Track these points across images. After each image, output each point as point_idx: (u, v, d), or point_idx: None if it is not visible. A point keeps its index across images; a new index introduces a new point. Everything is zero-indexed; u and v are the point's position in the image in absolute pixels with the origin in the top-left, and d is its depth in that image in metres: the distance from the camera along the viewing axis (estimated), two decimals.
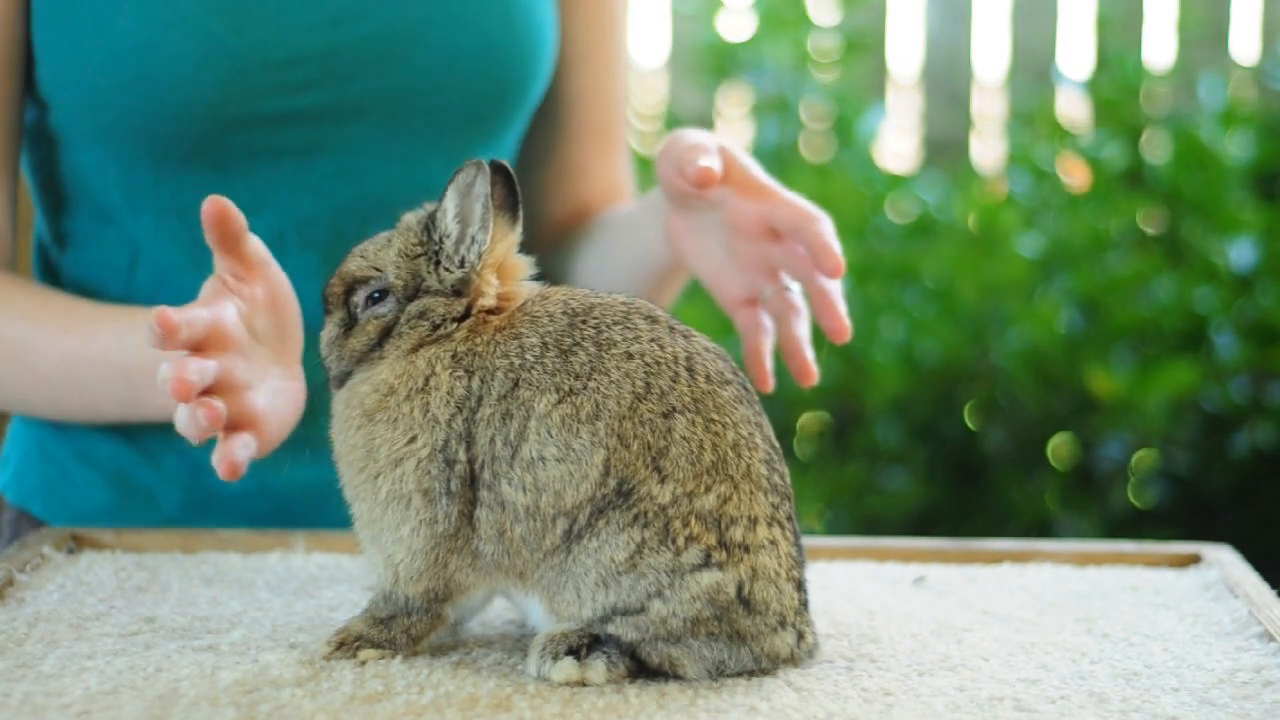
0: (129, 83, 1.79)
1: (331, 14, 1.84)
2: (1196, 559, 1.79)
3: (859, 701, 1.32)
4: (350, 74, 1.86)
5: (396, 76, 1.88)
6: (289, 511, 1.93)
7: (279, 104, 1.84)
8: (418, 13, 1.88)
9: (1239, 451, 3.93)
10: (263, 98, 1.83)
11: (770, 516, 1.37)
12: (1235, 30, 4.61)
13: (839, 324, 1.64)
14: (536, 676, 1.36)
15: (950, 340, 3.89)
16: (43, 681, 1.32)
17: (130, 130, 1.82)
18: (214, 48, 1.79)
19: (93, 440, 1.95)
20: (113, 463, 1.94)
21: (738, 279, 1.74)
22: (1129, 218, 4.02)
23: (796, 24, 4.25)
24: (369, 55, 1.86)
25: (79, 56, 1.81)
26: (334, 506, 1.89)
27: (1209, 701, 1.33)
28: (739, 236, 1.71)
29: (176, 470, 1.93)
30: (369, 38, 1.86)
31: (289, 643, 1.45)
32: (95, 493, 1.94)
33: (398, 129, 1.90)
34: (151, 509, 1.94)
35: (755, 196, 1.68)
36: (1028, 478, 3.97)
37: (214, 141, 1.83)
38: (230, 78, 1.80)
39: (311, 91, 1.85)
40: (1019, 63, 4.59)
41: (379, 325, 1.44)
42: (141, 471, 1.94)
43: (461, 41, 1.90)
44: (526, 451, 1.36)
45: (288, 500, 1.93)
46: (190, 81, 1.79)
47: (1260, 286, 3.96)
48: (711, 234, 1.75)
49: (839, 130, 4.23)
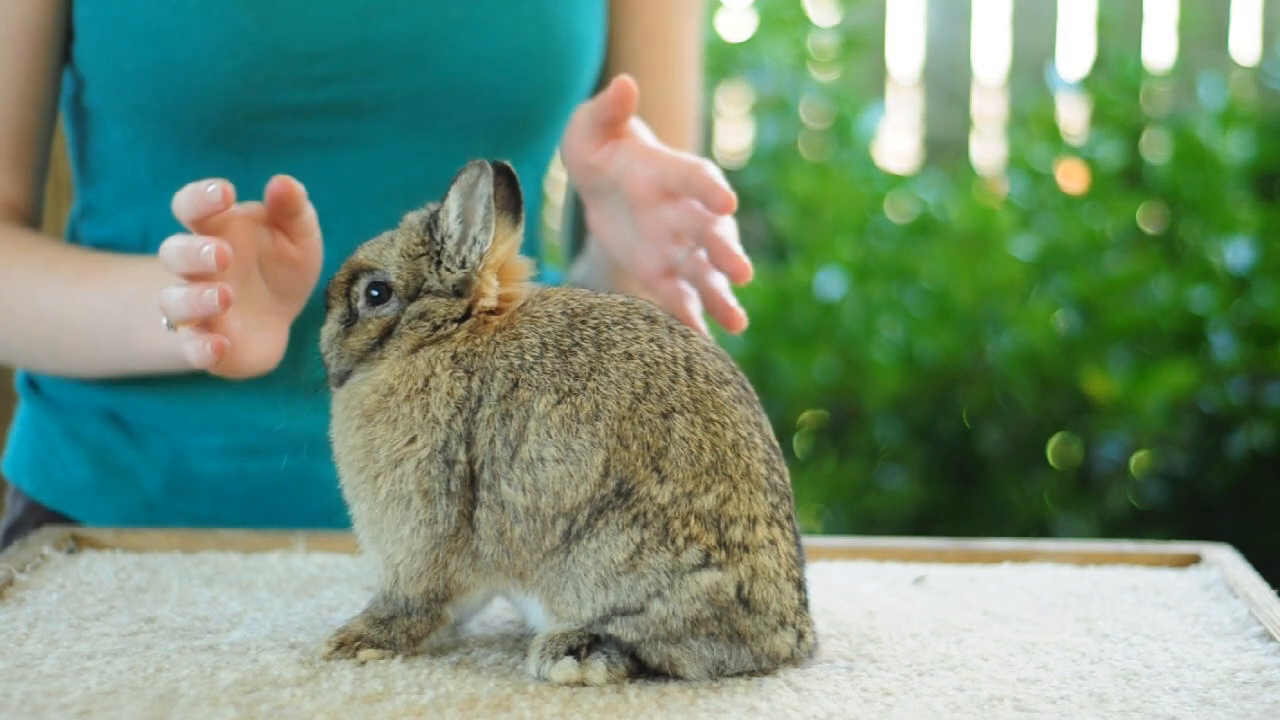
0: (153, 67, 1.81)
1: (359, 10, 1.84)
2: (1196, 559, 1.79)
3: (859, 701, 1.32)
4: (375, 71, 1.85)
5: (422, 76, 1.87)
6: (266, 497, 1.94)
7: (301, 96, 1.84)
8: (448, 14, 1.87)
9: (1236, 452, 3.93)
10: (285, 89, 1.83)
11: (770, 516, 1.37)
12: (1235, 30, 4.61)
13: (737, 265, 1.61)
14: (536, 676, 1.36)
15: (947, 341, 3.89)
16: (43, 681, 1.32)
17: (156, 113, 1.84)
18: (237, 37, 1.80)
19: (82, 418, 1.96)
20: (98, 441, 1.95)
21: (649, 253, 1.71)
22: (1126, 218, 4.02)
23: (796, 23, 4.25)
24: (395, 53, 1.85)
25: (109, 37, 1.83)
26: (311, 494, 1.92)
27: (1209, 701, 1.33)
28: (640, 208, 1.69)
29: (159, 452, 1.94)
30: (396, 36, 1.85)
31: (289, 643, 1.45)
32: (79, 470, 1.95)
33: (422, 128, 1.89)
34: (132, 489, 1.94)
35: (645, 160, 1.67)
36: (1026, 478, 3.97)
37: (236, 129, 1.84)
38: (252, 67, 1.81)
39: (335, 86, 1.85)
40: (1019, 63, 4.59)
41: (380, 325, 1.44)
42: (125, 452, 1.94)
43: (491, 45, 1.89)
44: (526, 452, 1.36)
45: (265, 486, 1.94)
46: (212, 69, 1.80)
47: (1258, 287, 3.95)
48: (619, 215, 1.74)
49: (838, 130, 4.23)
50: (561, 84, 1.94)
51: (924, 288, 3.97)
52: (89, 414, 1.96)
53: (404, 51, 1.86)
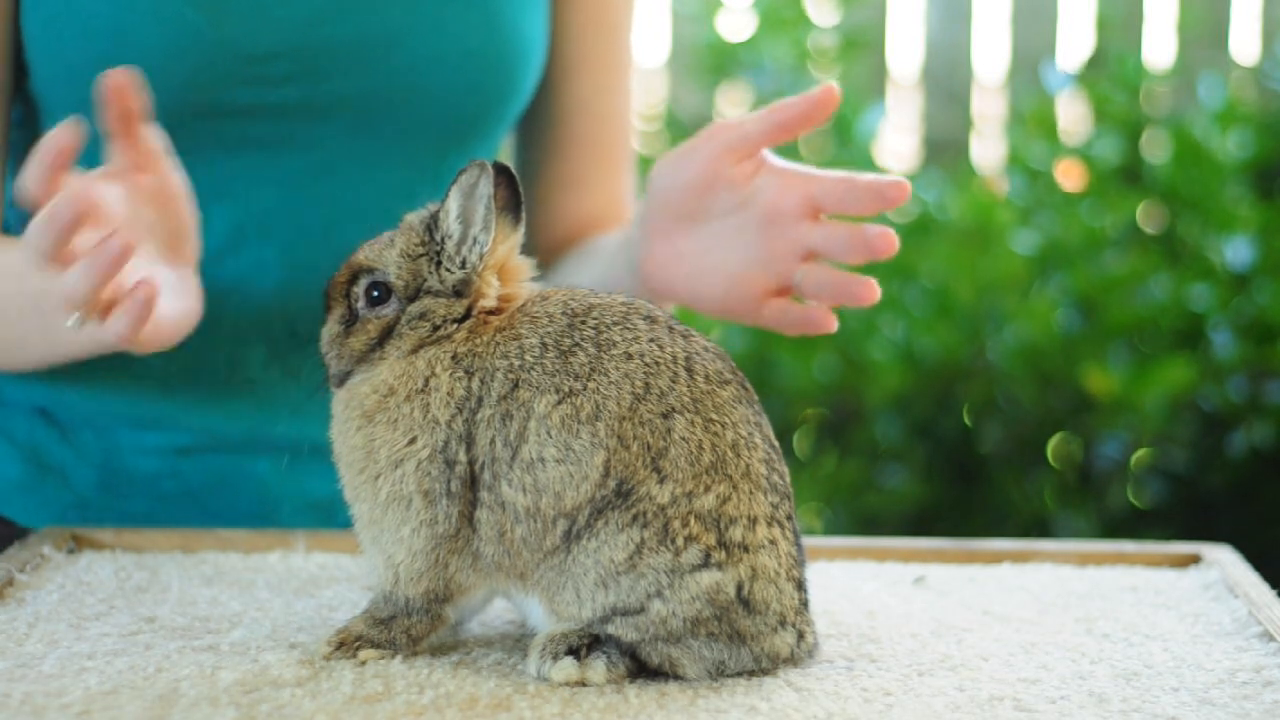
0: (99, 61, 1.77)
1: (310, 12, 1.83)
2: (1196, 559, 1.79)
3: (859, 701, 1.32)
4: (324, 73, 1.84)
5: (371, 79, 1.86)
6: (202, 496, 1.94)
7: (249, 96, 1.83)
8: (398, 17, 1.86)
9: (1236, 450, 3.94)
10: (233, 89, 1.82)
11: (770, 516, 1.37)
12: (1235, 30, 4.61)
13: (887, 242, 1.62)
14: (536, 676, 1.36)
15: (947, 339, 3.89)
16: (43, 681, 1.32)
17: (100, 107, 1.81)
18: (186, 35, 1.78)
19: (12, 416, 1.95)
20: (28, 439, 1.94)
21: (767, 273, 1.68)
22: (1126, 216, 4.02)
23: (796, 23, 4.25)
24: (345, 56, 1.85)
25: (54, 30, 1.80)
26: (247, 492, 1.91)
27: (1209, 701, 1.33)
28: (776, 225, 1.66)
29: (92, 450, 1.93)
30: (346, 38, 1.84)
31: (289, 643, 1.45)
32: (10, 468, 1.94)
33: (368, 131, 1.88)
34: (65, 488, 1.94)
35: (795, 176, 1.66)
36: (1026, 476, 3.97)
37: (181, 127, 1.81)
38: (200, 66, 1.79)
39: (283, 87, 1.84)
40: (1019, 63, 4.59)
41: (380, 325, 1.44)
42: (56, 449, 1.94)
43: (441, 49, 1.88)
44: (526, 452, 1.36)
45: (200, 484, 1.94)
46: (159, 67, 1.76)
47: (1257, 285, 3.96)
48: (729, 240, 1.70)
49: (838, 130, 4.22)
50: (509, 87, 1.93)
51: (924, 286, 3.97)
52: (19, 411, 1.95)
53: (354, 54, 1.85)
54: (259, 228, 1.88)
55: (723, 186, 1.68)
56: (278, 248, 1.88)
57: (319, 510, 1.95)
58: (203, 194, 1.52)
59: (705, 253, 1.72)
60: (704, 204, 1.70)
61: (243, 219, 1.87)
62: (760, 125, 1.67)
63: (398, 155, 1.91)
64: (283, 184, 1.88)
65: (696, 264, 1.73)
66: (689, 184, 1.70)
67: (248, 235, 1.87)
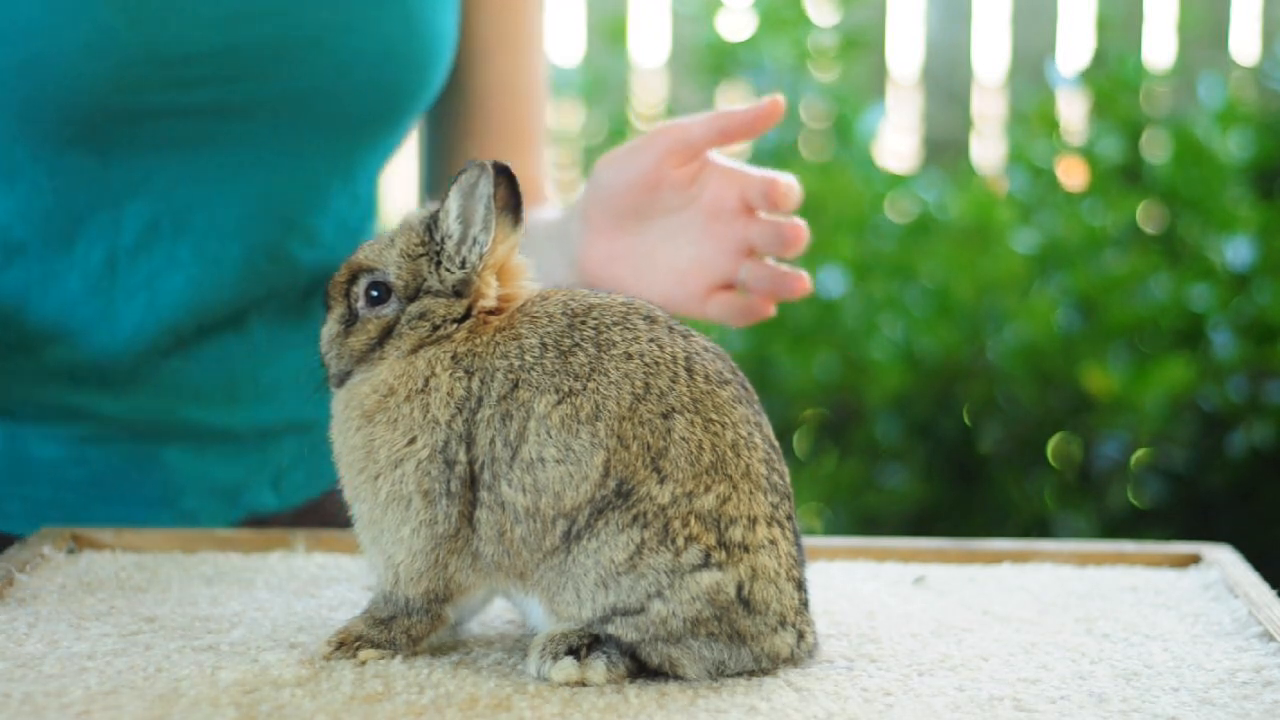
0: (19, 64, 1.78)
1: (229, 13, 1.83)
2: (1196, 559, 1.79)
3: (859, 701, 1.32)
4: (243, 74, 1.85)
5: (290, 79, 1.87)
6: (107, 482, 1.94)
7: (168, 98, 1.83)
8: (316, 17, 1.87)
9: (1236, 450, 3.94)
10: (152, 91, 1.82)
11: (770, 516, 1.37)
12: (1235, 30, 4.61)
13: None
14: (536, 676, 1.36)
15: (947, 338, 3.89)
16: (43, 681, 1.32)
17: (14, 109, 1.80)
18: (105, 38, 1.78)
19: None
20: None
21: (713, 267, 1.74)
22: (1126, 215, 4.02)
23: (796, 23, 4.25)
24: (264, 57, 1.85)
25: None
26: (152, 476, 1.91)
27: (1209, 701, 1.33)
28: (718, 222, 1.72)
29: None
30: (265, 40, 1.85)
31: (289, 643, 1.45)
32: None
33: (287, 129, 1.89)
34: None
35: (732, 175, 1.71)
36: (1026, 476, 3.97)
37: (99, 129, 1.82)
38: (120, 69, 1.79)
39: (202, 88, 1.84)
40: (1019, 63, 4.59)
41: (380, 325, 1.44)
42: None
43: (359, 48, 1.89)
44: (526, 452, 1.36)
45: (105, 470, 1.94)
46: (78, 70, 1.77)
47: (1257, 284, 3.96)
48: (674, 237, 1.75)
49: (839, 130, 4.23)
50: (424, 81, 1.96)
51: (924, 286, 3.97)
52: None
53: (273, 55, 1.85)
54: (174, 224, 1.89)
55: (667, 187, 1.73)
56: (191, 243, 1.89)
57: (223, 495, 1.97)
58: (118, 191, 1.53)
59: (650, 251, 1.77)
60: (647, 203, 1.74)
61: (159, 215, 1.88)
62: (705, 130, 1.71)
63: (311, 150, 1.92)
64: (199, 181, 1.88)
65: (641, 262, 1.77)
66: (632, 184, 1.74)
67: (162, 232, 1.88)
